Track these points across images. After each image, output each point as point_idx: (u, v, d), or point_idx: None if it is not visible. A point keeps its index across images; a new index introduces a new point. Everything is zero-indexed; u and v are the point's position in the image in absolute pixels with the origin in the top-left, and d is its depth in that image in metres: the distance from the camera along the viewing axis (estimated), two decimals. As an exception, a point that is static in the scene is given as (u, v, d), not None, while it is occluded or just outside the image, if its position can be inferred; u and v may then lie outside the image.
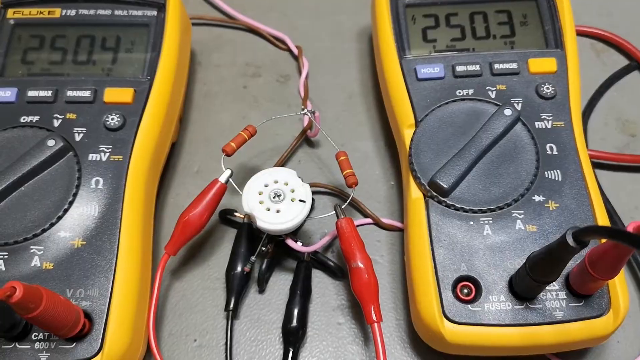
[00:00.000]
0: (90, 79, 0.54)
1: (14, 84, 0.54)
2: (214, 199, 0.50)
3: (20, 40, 0.57)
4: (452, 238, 0.48)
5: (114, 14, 0.58)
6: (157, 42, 0.57)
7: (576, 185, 0.50)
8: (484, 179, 0.49)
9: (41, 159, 0.49)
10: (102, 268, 0.46)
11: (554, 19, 0.57)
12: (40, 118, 0.52)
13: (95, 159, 0.50)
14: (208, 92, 0.66)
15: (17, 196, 0.48)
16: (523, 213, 0.48)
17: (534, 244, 0.47)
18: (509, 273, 0.46)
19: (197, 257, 0.55)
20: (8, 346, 0.43)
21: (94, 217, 0.48)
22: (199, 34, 0.69)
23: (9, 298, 0.35)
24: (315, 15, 0.72)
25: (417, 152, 0.51)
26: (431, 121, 0.52)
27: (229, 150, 0.51)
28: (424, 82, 0.54)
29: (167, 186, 0.60)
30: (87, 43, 0.57)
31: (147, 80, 0.54)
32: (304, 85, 0.64)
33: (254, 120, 0.62)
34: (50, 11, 0.58)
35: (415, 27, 0.58)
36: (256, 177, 0.51)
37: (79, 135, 0.51)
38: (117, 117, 0.52)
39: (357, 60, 0.68)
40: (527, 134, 0.51)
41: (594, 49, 0.68)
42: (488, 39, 0.57)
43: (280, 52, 0.69)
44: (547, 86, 0.53)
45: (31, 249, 0.46)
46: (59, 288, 0.45)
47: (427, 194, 0.49)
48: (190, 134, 0.63)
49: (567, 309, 0.45)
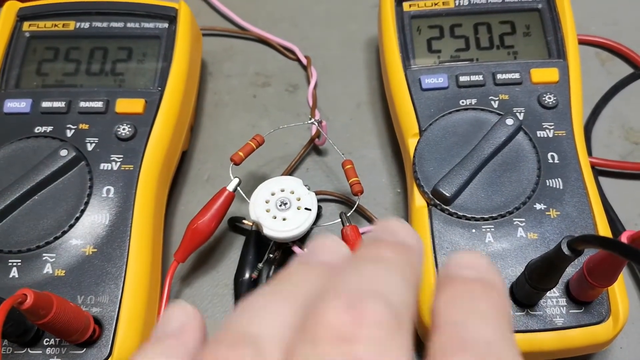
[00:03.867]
0: (102, 90, 0.56)
1: (29, 95, 0.55)
2: (222, 207, 0.51)
3: (35, 52, 0.58)
4: (454, 245, 0.49)
5: (126, 26, 0.60)
6: (168, 53, 0.58)
7: (577, 193, 0.50)
8: (486, 187, 0.50)
9: (54, 168, 0.50)
10: (113, 275, 0.47)
11: (557, 30, 0.57)
12: (54, 128, 0.53)
13: (106, 168, 0.51)
14: (219, 101, 0.67)
15: (31, 205, 0.49)
16: (524, 221, 0.49)
17: (535, 252, 0.48)
18: (510, 280, 0.47)
19: (206, 264, 0.56)
20: (20, 351, 0.44)
21: (105, 225, 0.49)
22: (210, 44, 0.71)
23: (20, 305, 0.36)
24: (325, 26, 0.73)
25: (421, 161, 0.52)
26: (435, 130, 0.53)
27: (237, 160, 0.52)
28: (428, 92, 0.55)
29: (177, 193, 0.61)
30: (100, 55, 0.58)
31: (157, 91, 0.56)
32: (312, 94, 0.65)
33: (264, 129, 0.64)
34: (64, 24, 0.60)
35: (420, 38, 0.59)
36: (263, 186, 0.52)
37: (91, 145, 0.52)
38: (128, 128, 0.53)
39: (366, 70, 0.69)
40: (528, 143, 0.52)
41: (598, 58, 0.69)
42: (491, 49, 0.58)
43: (289, 62, 0.70)
44: (549, 96, 0.54)
45: (44, 256, 0.47)
46: (70, 294, 0.46)
47: (430, 202, 0.50)
48: (201, 142, 0.64)
49: (567, 316, 0.45)
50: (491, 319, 0.20)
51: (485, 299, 0.21)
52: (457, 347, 0.19)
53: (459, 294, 0.21)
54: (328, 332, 0.18)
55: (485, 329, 0.20)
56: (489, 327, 0.20)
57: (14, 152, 0.52)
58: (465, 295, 0.21)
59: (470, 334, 0.19)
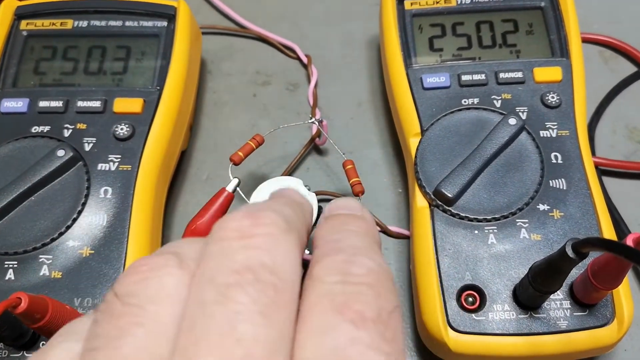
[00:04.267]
0: (100, 89, 0.55)
1: (26, 94, 0.55)
2: (221, 208, 0.50)
3: (32, 51, 0.58)
4: (456, 247, 0.48)
5: (124, 24, 0.59)
6: (166, 52, 0.57)
7: (581, 194, 0.50)
8: (489, 188, 0.50)
9: (51, 168, 0.49)
10: (110, 277, 0.47)
11: (560, 28, 0.57)
12: (51, 128, 0.53)
13: (104, 168, 0.51)
14: (218, 100, 0.67)
15: (27, 206, 0.49)
16: (527, 222, 0.48)
17: (539, 253, 0.47)
18: (513, 282, 0.46)
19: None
20: (16, 355, 0.43)
21: (103, 226, 0.49)
22: (209, 43, 0.70)
23: (14, 309, 0.35)
24: (326, 24, 0.72)
25: (423, 161, 0.51)
26: (437, 130, 0.53)
27: (237, 160, 0.52)
28: (430, 92, 0.55)
29: (176, 193, 0.60)
30: (98, 54, 0.58)
31: (156, 91, 0.55)
32: (313, 93, 0.65)
33: (264, 128, 0.63)
34: (62, 22, 0.59)
35: (422, 37, 0.58)
36: (263, 186, 0.51)
37: (88, 145, 0.52)
38: (126, 127, 0.52)
39: (367, 69, 0.69)
40: (531, 142, 0.51)
41: (602, 57, 0.68)
42: (494, 48, 0.57)
43: (290, 60, 0.70)
44: (552, 95, 0.53)
45: (40, 258, 0.47)
46: (66, 297, 0.45)
47: (432, 202, 0.50)
48: (200, 141, 0.64)
49: (571, 319, 0.45)
50: (360, 235, 0.26)
51: (355, 225, 0.27)
52: (333, 251, 0.24)
53: (335, 224, 0.27)
54: (231, 232, 0.23)
55: (354, 240, 0.25)
56: (357, 239, 0.26)
57: (10, 152, 0.51)
58: (339, 223, 0.27)
59: (343, 243, 0.25)
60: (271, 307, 0.21)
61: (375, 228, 0.28)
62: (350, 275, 0.23)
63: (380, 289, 0.23)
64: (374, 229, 0.28)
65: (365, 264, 0.24)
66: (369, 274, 0.23)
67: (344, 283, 0.23)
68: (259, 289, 0.21)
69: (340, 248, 0.25)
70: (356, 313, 0.22)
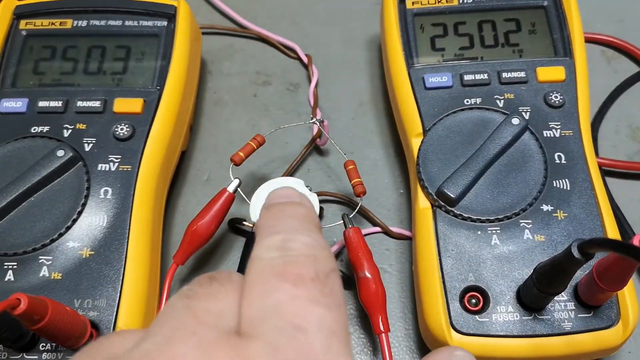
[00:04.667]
0: (100, 90, 0.55)
1: (25, 94, 0.54)
2: (222, 208, 0.50)
3: (32, 50, 0.58)
4: (459, 248, 0.48)
5: (124, 24, 0.59)
6: (166, 52, 0.57)
7: (585, 194, 0.49)
8: (492, 188, 0.49)
9: (51, 169, 0.49)
10: (110, 278, 0.46)
11: (563, 27, 0.56)
12: (51, 128, 0.52)
13: (104, 169, 0.51)
14: (218, 100, 0.66)
15: (27, 206, 0.48)
16: (531, 223, 0.48)
17: (543, 254, 0.47)
18: (517, 283, 0.46)
19: (205, 266, 0.55)
20: (16, 357, 0.43)
21: (103, 227, 0.48)
22: (210, 43, 0.70)
23: (13, 310, 0.35)
24: (326, 24, 0.72)
25: (425, 162, 0.51)
26: (439, 130, 0.52)
27: (237, 160, 0.52)
28: (432, 91, 0.54)
29: (177, 194, 0.60)
30: (97, 53, 0.58)
31: (156, 91, 0.55)
32: (314, 93, 0.64)
33: (264, 128, 0.63)
34: (62, 22, 0.59)
35: (423, 36, 0.58)
36: (264, 187, 0.51)
37: (88, 145, 0.52)
38: (126, 127, 0.52)
39: (368, 68, 0.68)
40: (535, 143, 0.51)
41: (604, 56, 0.68)
42: (496, 47, 0.57)
43: (290, 60, 0.69)
44: (555, 95, 0.53)
45: (40, 259, 0.47)
46: (67, 298, 0.45)
47: (435, 203, 0.49)
48: (200, 142, 0.63)
49: (575, 320, 0.45)
50: (297, 218, 0.29)
51: (292, 210, 0.30)
52: (271, 234, 0.27)
53: (274, 211, 0.30)
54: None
55: (292, 222, 0.29)
56: (295, 221, 0.29)
57: (10, 152, 0.51)
58: (277, 211, 0.30)
59: (280, 227, 0.28)
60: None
61: (315, 214, 0.32)
62: (288, 249, 0.26)
63: (318, 257, 0.26)
64: (313, 214, 0.32)
65: (302, 240, 0.27)
66: (306, 247, 0.26)
67: (283, 257, 0.26)
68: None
69: (278, 231, 0.28)
70: (295, 275, 0.25)
